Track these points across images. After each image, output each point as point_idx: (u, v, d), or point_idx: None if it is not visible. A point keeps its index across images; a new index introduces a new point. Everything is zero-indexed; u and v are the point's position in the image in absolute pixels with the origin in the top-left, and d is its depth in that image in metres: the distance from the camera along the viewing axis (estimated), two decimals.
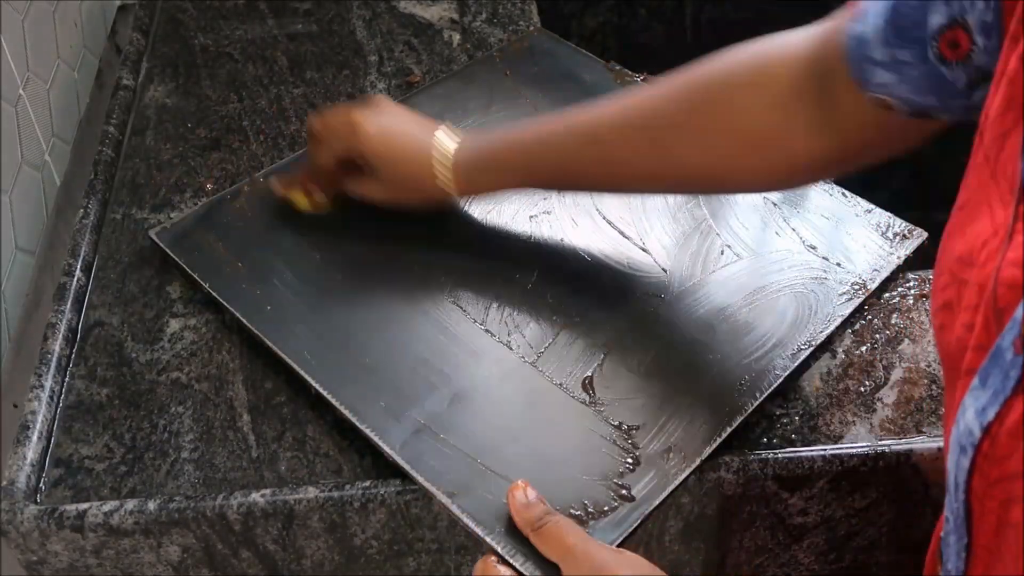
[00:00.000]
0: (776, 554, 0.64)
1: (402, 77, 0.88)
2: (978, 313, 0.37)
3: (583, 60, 0.89)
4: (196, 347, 0.66)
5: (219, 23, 0.96)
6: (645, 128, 0.60)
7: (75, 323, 0.68)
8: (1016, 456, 0.34)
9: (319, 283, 0.68)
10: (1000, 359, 0.35)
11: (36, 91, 0.83)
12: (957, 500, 0.38)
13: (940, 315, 0.41)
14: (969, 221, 0.40)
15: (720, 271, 0.69)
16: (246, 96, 0.87)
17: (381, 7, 0.97)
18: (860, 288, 0.68)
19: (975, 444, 0.36)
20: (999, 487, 0.35)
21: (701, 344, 0.64)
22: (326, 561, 0.60)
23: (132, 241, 0.74)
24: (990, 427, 0.35)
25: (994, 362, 0.35)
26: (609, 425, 0.59)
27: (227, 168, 0.80)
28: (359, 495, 0.57)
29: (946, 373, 0.42)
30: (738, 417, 0.59)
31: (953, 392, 0.39)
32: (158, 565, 0.59)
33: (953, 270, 0.40)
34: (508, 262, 0.70)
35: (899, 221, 0.73)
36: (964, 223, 0.41)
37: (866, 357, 0.65)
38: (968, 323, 0.38)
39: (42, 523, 0.56)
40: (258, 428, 0.61)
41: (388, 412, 0.59)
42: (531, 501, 0.53)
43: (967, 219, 0.40)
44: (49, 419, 0.62)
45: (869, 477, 0.59)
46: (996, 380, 0.35)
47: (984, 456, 0.35)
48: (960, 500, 0.38)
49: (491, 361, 0.62)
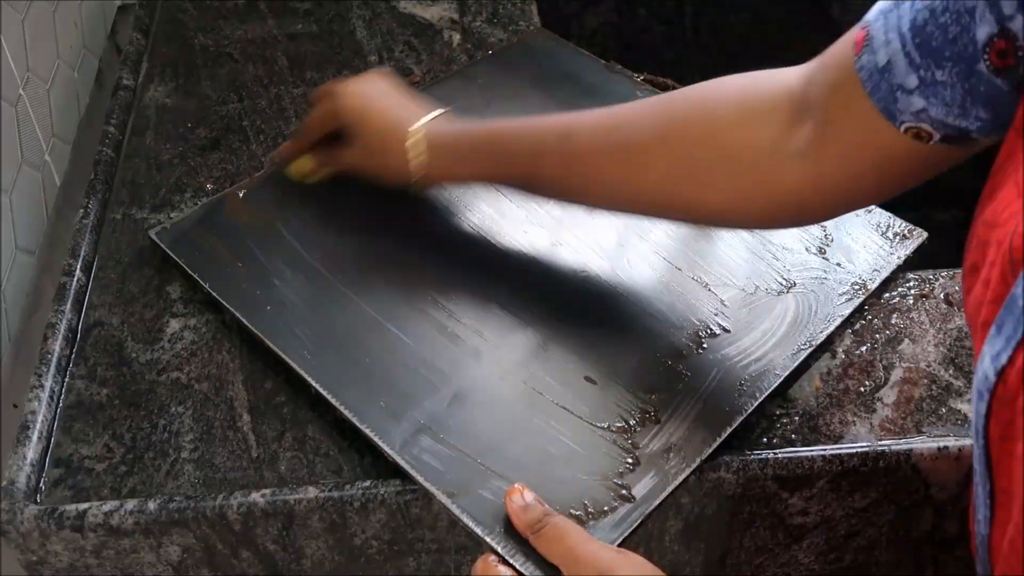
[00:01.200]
0: (776, 554, 0.64)
1: (402, 77, 0.88)
2: (995, 268, 0.38)
3: (583, 60, 0.89)
4: (196, 347, 0.66)
5: (219, 23, 0.96)
6: (619, 130, 0.59)
7: (75, 323, 0.68)
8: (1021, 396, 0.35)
9: (319, 283, 0.68)
10: (1013, 307, 0.36)
11: (36, 91, 0.83)
12: (978, 447, 0.39)
13: (968, 279, 0.42)
14: (998, 187, 0.41)
15: (720, 271, 0.69)
16: (246, 96, 0.87)
17: (381, 7, 0.97)
18: (860, 288, 0.68)
19: (991, 389, 0.37)
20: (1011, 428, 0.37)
21: (700, 344, 0.64)
22: (326, 561, 0.60)
23: (132, 241, 0.74)
24: (1003, 371, 0.36)
25: (1008, 310, 0.36)
26: (609, 425, 0.59)
27: (227, 168, 0.80)
28: (359, 495, 0.57)
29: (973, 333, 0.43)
30: (738, 417, 0.59)
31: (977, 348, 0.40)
32: (158, 565, 0.59)
33: (979, 233, 0.41)
34: (508, 262, 0.70)
35: (899, 221, 0.73)
36: (993, 189, 0.41)
37: (866, 357, 0.65)
38: (986, 279, 0.39)
39: (42, 523, 0.56)
40: (258, 428, 0.61)
41: (388, 412, 0.59)
42: (529, 504, 0.53)
43: (996, 185, 0.41)
44: (49, 419, 0.62)
45: (869, 477, 0.59)
46: (1009, 327, 0.36)
47: (999, 400, 0.37)
48: (980, 446, 0.39)
49: (491, 361, 0.62)
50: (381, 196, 0.74)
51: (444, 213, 0.73)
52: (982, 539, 0.42)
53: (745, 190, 0.56)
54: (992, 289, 0.38)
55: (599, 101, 0.84)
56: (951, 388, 0.63)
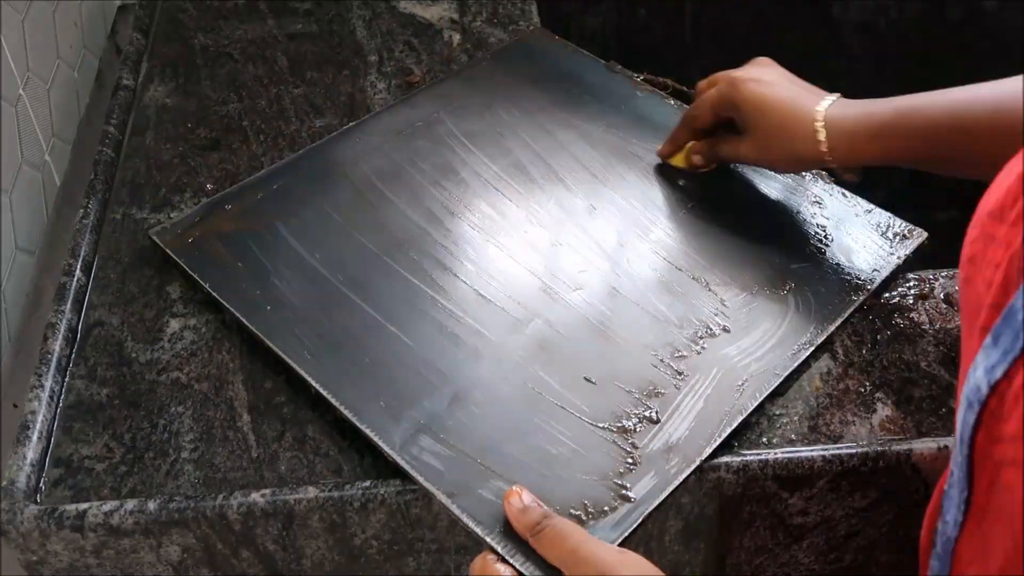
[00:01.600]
0: (776, 554, 0.64)
1: (402, 77, 0.88)
2: (999, 271, 0.38)
3: (583, 60, 0.89)
4: (196, 347, 0.66)
5: (219, 23, 0.96)
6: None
7: (75, 323, 0.68)
8: (1016, 418, 0.34)
9: (319, 283, 0.68)
10: (1012, 319, 0.35)
11: (36, 91, 0.83)
12: (961, 454, 0.39)
13: (966, 268, 0.42)
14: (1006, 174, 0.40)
15: (720, 271, 0.69)
16: (246, 96, 0.87)
17: (381, 7, 0.97)
18: (860, 288, 0.68)
19: (982, 401, 0.36)
20: (998, 447, 0.36)
21: (700, 344, 0.64)
22: (326, 561, 0.60)
23: (132, 241, 0.74)
24: (998, 385, 0.36)
25: (1007, 322, 0.36)
26: (609, 425, 0.59)
27: (227, 168, 0.80)
28: (359, 495, 0.57)
29: (964, 327, 0.43)
30: (738, 417, 0.59)
31: (969, 346, 0.40)
32: (158, 565, 0.59)
33: (984, 224, 0.40)
34: (509, 263, 0.70)
35: (899, 221, 0.73)
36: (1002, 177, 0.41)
37: (866, 357, 0.65)
38: (988, 280, 0.38)
39: (42, 523, 0.56)
40: (258, 428, 0.61)
41: (388, 412, 0.59)
42: (528, 506, 0.53)
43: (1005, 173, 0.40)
44: (49, 419, 0.62)
45: (869, 477, 0.59)
46: (1007, 340, 0.35)
47: (990, 413, 0.36)
48: (964, 455, 0.39)
49: (491, 361, 0.62)
50: (381, 196, 0.74)
51: (444, 213, 0.73)
52: (947, 540, 0.42)
53: None
54: (994, 292, 0.38)
55: (599, 101, 0.84)
56: (951, 388, 0.63)
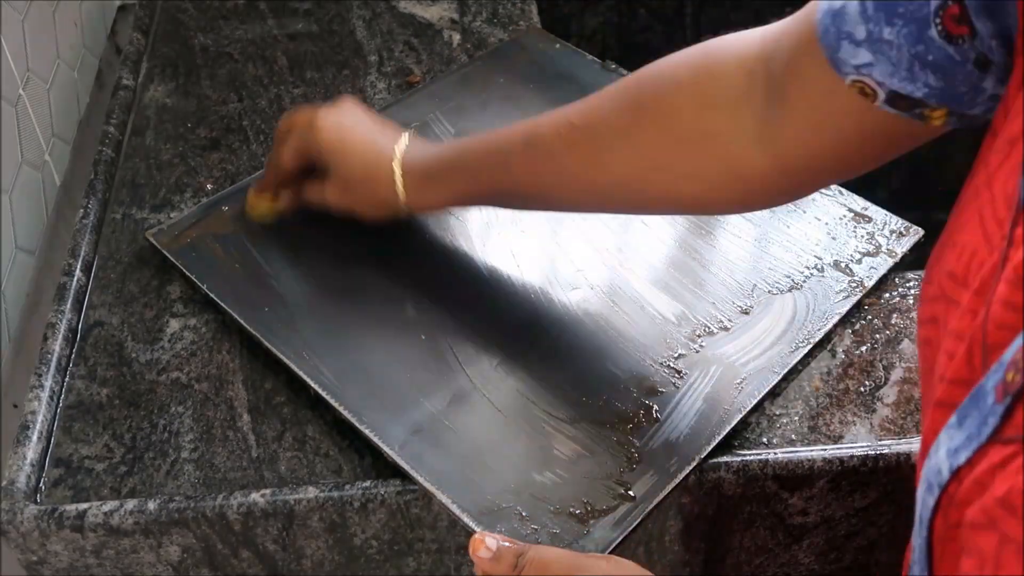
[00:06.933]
0: (776, 554, 0.64)
1: (402, 77, 0.88)
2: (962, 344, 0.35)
3: (580, 60, 0.89)
4: (196, 347, 0.66)
5: (219, 23, 0.96)
6: (584, 128, 0.56)
7: (75, 323, 0.68)
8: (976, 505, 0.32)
9: (318, 283, 0.68)
10: (980, 402, 0.33)
11: (36, 91, 0.83)
12: (920, 536, 0.37)
13: (926, 328, 0.40)
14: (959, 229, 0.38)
15: (718, 270, 0.69)
16: (246, 96, 0.87)
17: (381, 7, 0.97)
18: (857, 286, 0.68)
19: (942, 484, 0.34)
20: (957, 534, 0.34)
21: (698, 342, 0.64)
22: (326, 561, 0.60)
23: (132, 241, 0.74)
24: (959, 471, 0.33)
25: (973, 403, 0.33)
26: (609, 424, 0.59)
27: (227, 168, 0.80)
28: (359, 495, 0.57)
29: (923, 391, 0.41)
30: (737, 415, 0.59)
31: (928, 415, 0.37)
32: (158, 565, 0.59)
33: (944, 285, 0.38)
34: (508, 262, 0.70)
35: (895, 218, 0.73)
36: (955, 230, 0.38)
37: (866, 357, 0.65)
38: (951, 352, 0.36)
39: (42, 523, 0.56)
40: (258, 428, 0.61)
41: (388, 412, 0.59)
42: (497, 551, 0.49)
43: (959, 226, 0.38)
44: (49, 419, 0.62)
45: (869, 477, 0.59)
46: (973, 424, 0.33)
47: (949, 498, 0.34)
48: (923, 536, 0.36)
49: (491, 360, 0.62)
50: None
51: (443, 214, 0.73)
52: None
53: (711, 179, 0.54)
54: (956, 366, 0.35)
55: None
56: None
